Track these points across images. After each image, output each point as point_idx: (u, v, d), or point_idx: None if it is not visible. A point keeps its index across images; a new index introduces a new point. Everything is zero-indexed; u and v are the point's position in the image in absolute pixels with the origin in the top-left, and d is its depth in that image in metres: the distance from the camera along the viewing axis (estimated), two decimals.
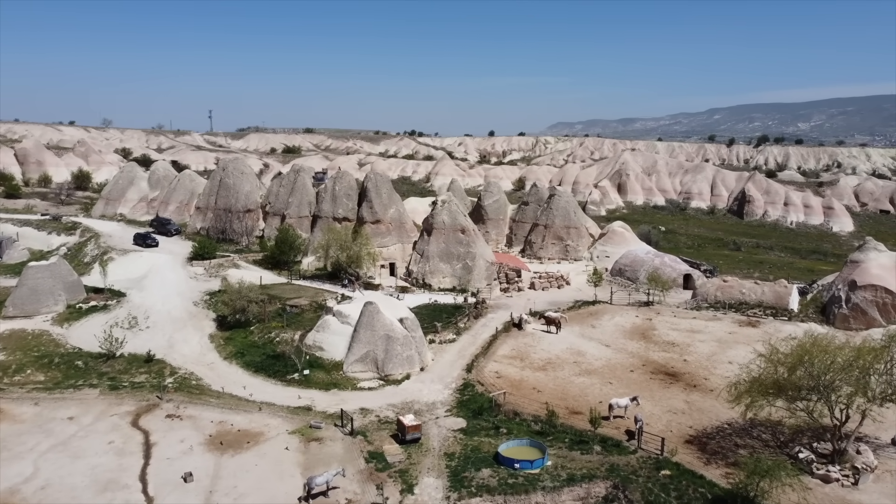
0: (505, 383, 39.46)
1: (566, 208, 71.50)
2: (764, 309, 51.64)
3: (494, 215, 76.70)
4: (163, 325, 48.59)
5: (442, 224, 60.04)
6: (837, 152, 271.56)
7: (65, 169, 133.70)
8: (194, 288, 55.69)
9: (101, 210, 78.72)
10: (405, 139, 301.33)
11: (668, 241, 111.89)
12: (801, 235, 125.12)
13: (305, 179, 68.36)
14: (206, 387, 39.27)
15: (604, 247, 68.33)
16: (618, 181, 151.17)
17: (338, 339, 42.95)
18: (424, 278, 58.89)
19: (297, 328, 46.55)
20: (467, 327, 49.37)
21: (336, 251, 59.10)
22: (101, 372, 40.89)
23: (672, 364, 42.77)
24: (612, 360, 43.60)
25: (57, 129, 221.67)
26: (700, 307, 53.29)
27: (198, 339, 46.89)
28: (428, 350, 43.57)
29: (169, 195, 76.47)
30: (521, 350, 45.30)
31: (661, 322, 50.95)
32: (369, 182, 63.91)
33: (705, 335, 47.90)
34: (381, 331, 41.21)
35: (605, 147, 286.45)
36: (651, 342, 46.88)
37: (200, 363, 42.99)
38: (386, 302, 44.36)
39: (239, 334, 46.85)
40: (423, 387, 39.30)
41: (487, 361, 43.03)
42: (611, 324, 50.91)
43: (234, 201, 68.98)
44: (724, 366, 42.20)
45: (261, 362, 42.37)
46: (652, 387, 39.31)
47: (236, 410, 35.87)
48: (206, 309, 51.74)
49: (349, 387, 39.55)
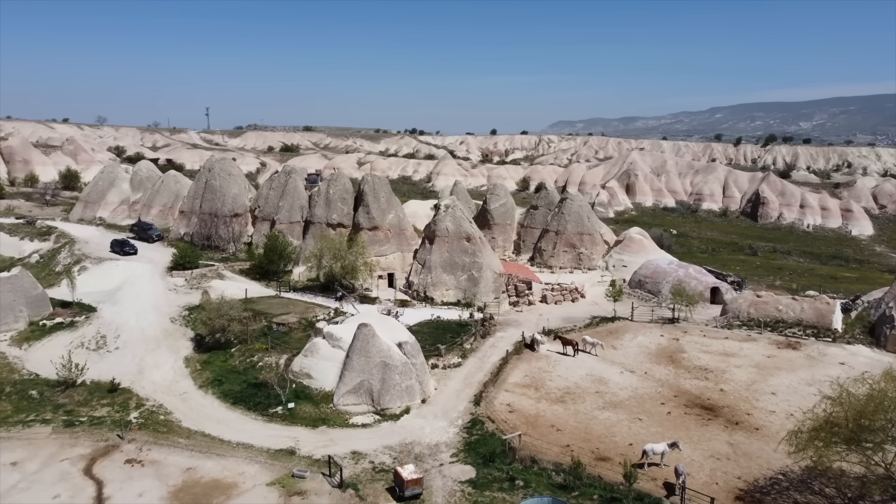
0: (519, 419, 34.35)
1: (579, 213, 66.32)
2: (804, 328, 46.51)
3: (501, 220, 71.55)
4: (134, 346, 43.54)
5: (445, 231, 54.91)
6: (847, 152, 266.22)
7: (52, 168, 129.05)
8: (173, 302, 50.63)
9: (80, 213, 73.59)
10: (406, 137, 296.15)
11: (680, 246, 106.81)
12: (818, 239, 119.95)
13: (297, 181, 63.20)
14: (175, 423, 34.18)
15: (620, 255, 63.16)
16: (626, 182, 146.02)
17: (328, 365, 37.86)
18: (426, 291, 53.77)
19: (284, 350, 41.46)
20: (474, 349, 44.27)
21: (329, 261, 54.06)
22: (57, 404, 35.83)
23: (708, 395, 37.63)
24: (639, 389, 38.46)
25: (49, 126, 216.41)
26: (731, 325, 48.17)
27: (171, 362, 41.80)
28: (430, 378, 38.48)
29: (152, 198, 71.34)
30: (536, 377, 40.19)
31: (690, 343, 45.82)
32: (366, 185, 58.75)
33: (741, 359, 42.74)
34: (376, 357, 36.11)
35: (609, 146, 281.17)
36: (681, 367, 41.74)
37: (172, 392, 37.90)
38: (382, 322, 39.23)
39: (218, 357, 41.76)
40: (425, 424, 34.20)
41: (498, 391, 37.91)
42: (633, 344, 45.79)
43: (221, 205, 63.84)
44: (767, 398, 37.11)
45: (240, 392, 37.27)
46: (688, 424, 34.18)
47: (208, 454, 30.79)
48: (183, 326, 46.67)
49: (340, 423, 34.44)
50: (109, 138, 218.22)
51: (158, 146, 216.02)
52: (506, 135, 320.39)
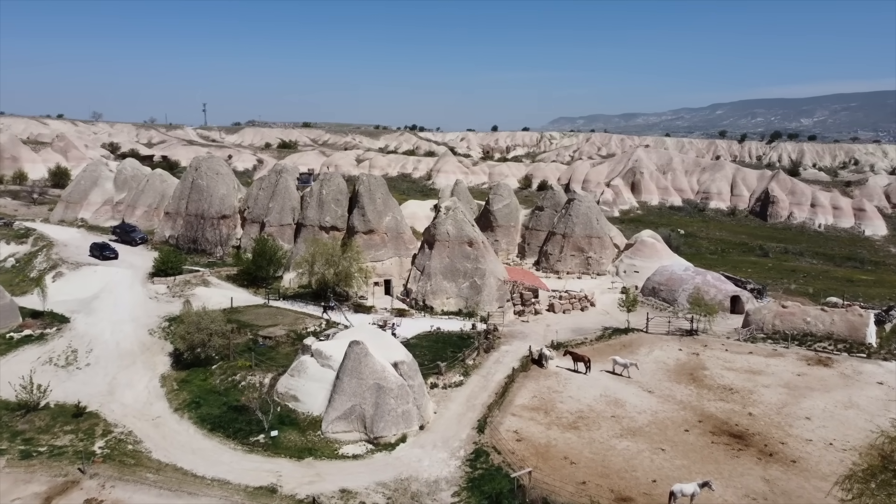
0: (527, 450, 30.81)
1: (587, 214, 62.65)
2: (835, 342, 42.96)
3: (505, 222, 67.87)
4: (107, 362, 39.99)
5: (446, 235, 51.29)
6: (854, 149, 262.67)
7: (42, 165, 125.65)
8: (153, 311, 47.08)
9: (61, 214, 69.91)
10: (406, 134, 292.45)
11: (688, 247, 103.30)
12: (831, 240, 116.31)
13: (288, 181, 59.50)
14: (144, 454, 30.67)
15: (631, 260, 59.52)
16: (631, 180, 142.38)
17: (316, 386, 34.31)
18: (425, 299, 50.18)
19: (269, 368, 37.89)
20: (477, 365, 40.72)
21: (322, 267, 50.48)
22: (15, 431, 32.35)
23: (735, 420, 34.07)
24: (660, 413, 34.90)
25: (42, 122, 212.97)
26: (755, 338, 44.61)
27: (146, 381, 38.26)
28: (429, 400, 34.95)
29: (136, 198, 67.66)
30: (545, 397, 36.63)
31: (711, 358, 42.26)
32: (362, 185, 55.07)
33: (769, 377, 39.17)
34: (369, 379, 32.56)
35: (612, 143, 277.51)
36: (703, 387, 38.18)
37: (144, 417, 34.37)
38: (376, 339, 35.66)
39: (197, 375, 38.21)
40: (424, 455, 30.66)
41: (504, 415, 34.36)
42: (650, 360, 42.22)
43: (208, 206, 60.17)
44: (802, 423, 33.56)
45: (219, 417, 33.72)
46: (716, 455, 30.63)
47: (178, 493, 27.28)
48: (162, 339, 43.14)
49: (328, 454, 30.90)
50: (104, 135, 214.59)
51: (154, 143, 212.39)
52: (507, 131, 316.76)
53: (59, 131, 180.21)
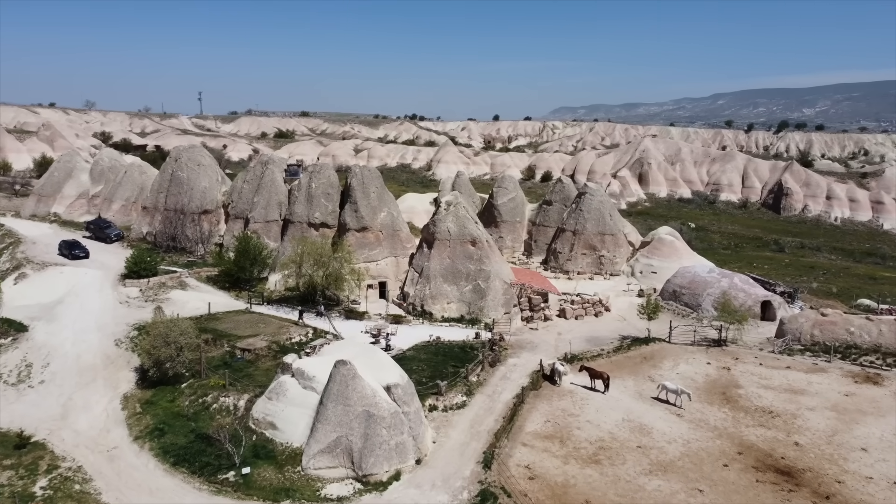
0: (542, 490, 26.30)
1: (600, 210, 57.82)
2: (883, 356, 38.34)
3: (510, 217, 63.07)
4: (63, 379, 35.46)
5: (446, 233, 46.58)
6: (863, 139, 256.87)
7: (27, 155, 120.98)
8: (122, 318, 42.48)
9: (33, 209, 65.09)
10: (406, 123, 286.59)
11: (700, 241, 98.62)
12: (848, 234, 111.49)
13: (275, 173, 54.68)
14: (93, 496, 26.17)
15: (648, 260, 54.77)
16: (638, 171, 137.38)
17: (297, 412, 29.76)
18: (424, 304, 45.55)
19: (246, 388, 33.32)
20: (481, 381, 36.17)
21: (310, 268, 45.94)
22: None
23: (781, 451, 29.52)
24: (692, 442, 30.34)
25: (33, 111, 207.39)
26: (791, 350, 39.98)
27: (106, 402, 33.75)
28: (427, 428, 30.41)
29: (113, 191, 62.86)
30: (560, 423, 32.09)
31: (745, 374, 37.66)
32: (354, 178, 50.26)
33: (813, 398, 34.59)
34: (358, 406, 27.98)
35: (616, 133, 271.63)
36: (739, 409, 33.62)
37: (98, 447, 29.85)
38: (367, 357, 31.04)
39: (163, 396, 33.68)
40: (421, 496, 26.15)
41: (513, 445, 29.82)
42: (676, 375, 37.63)
43: (188, 200, 55.40)
44: (858, 456, 29.01)
45: (185, 448, 29.19)
46: (763, 498, 26.10)
47: None
48: (129, 351, 38.56)
49: (309, 495, 26.37)
50: (96, 124, 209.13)
51: (147, 132, 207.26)
52: (509, 121, 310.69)
53: (52, 120, 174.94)
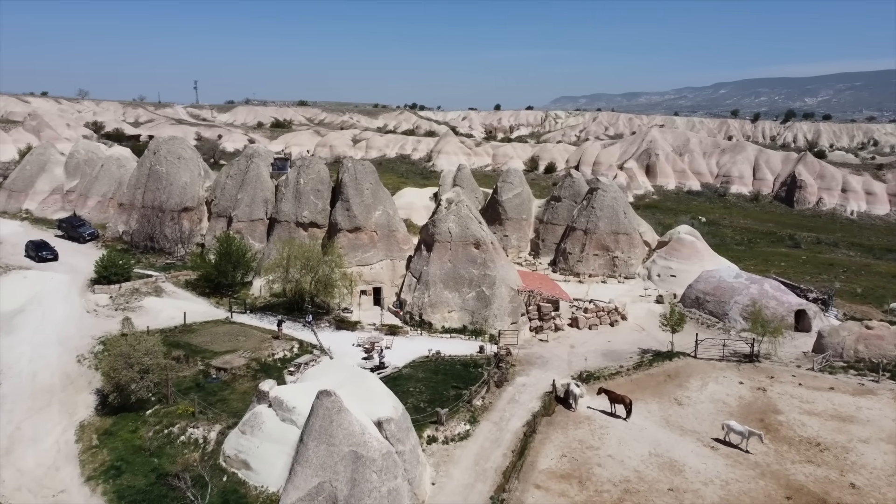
0: None
1: (613, 207, 53.49)
2: None
3: (515, 214, 58.75)
4: (14, 404, 31.34)
5: (447, 235, 42.30)
6: (872, 129, 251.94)
7: (12, 146, 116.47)
8: (87, 329, 38.36)
9: (3, 205, 60.72)
10: (405, 113, 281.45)
11: (712, 236, 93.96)
12: (866, 229, 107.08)
13: (260, 167, 50.32)
14: None
15: (667, 262, 50.53)
16: (646, 162, 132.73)
17: (274, 450, 25.66)
18: (422, 313, 41.34)
19: (218, 417, 29.23)
20: (487, 406, 32.06)
21: (298, 272, 41.74)
22: None
23: (836, 495, 25.38)
24: (732, 484, 26.21)
25: (23, 100, 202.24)
26: (833, 367, 35.81)
27: (59, 432, 29.63)
28: (426, 468, 26.28)
29: (89, 186, 58.55)
30: (577, 458, 27.96)
31: (784, 396, 33.51)
32: (346, 173, 45.92)
33: (865, 427, 30.44)
34: (344, 445, 23.79)
35: (619, 122, 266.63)
36: (781, 440, 29.48)
37: (43, 492, 25.78)
38: (355, 384, 26.87)
39: (125, 425, 29.56)
40: None
41: (525, 488, 25.72)
42: (705, 397, 33.49)
43: (167, 196, 51.12)
44: None
45: (143, 493, 25.09)
46: None
47: None
48: (92, 369, 34.42)
49: None
50: (89, 113, 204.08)
51: (141, 122, 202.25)
52: (510, 110, 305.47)
53: (42, 109, 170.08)
